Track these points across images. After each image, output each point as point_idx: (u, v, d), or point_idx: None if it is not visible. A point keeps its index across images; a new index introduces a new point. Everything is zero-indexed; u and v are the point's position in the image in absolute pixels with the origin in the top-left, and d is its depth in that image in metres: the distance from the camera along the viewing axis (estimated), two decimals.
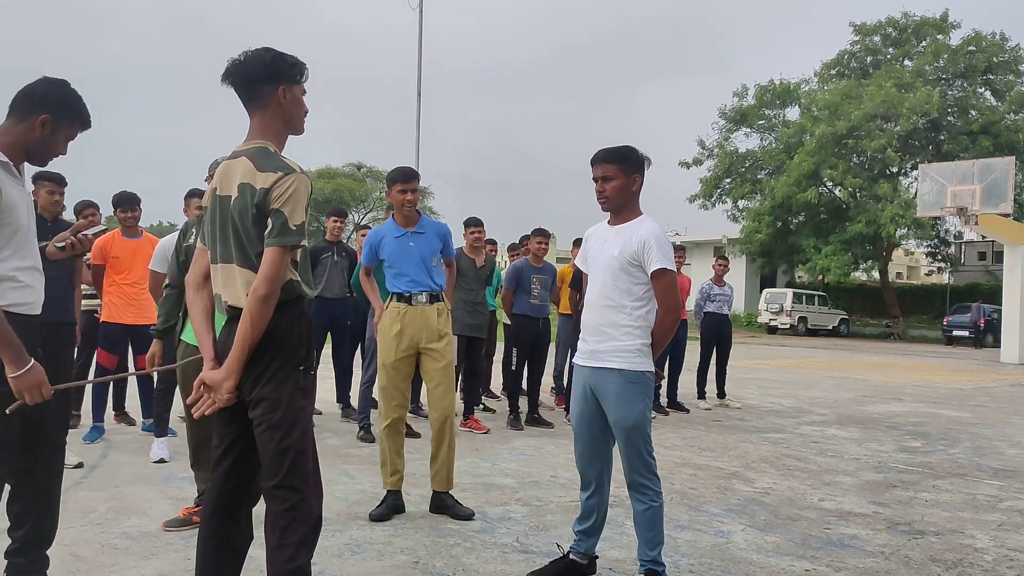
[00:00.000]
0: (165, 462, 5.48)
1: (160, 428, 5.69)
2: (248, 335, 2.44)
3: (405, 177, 4.62)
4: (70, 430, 5.68)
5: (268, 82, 2.56)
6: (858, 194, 31.47)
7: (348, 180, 48.85)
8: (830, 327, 32.95)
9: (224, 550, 2.66)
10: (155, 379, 6.00)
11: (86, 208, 6.37)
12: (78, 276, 5.64)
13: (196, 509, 4.01)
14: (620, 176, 3.44)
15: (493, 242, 9.14)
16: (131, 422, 6.93)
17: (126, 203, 6.37)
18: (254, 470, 2.62)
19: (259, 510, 2.67)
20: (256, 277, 2.45)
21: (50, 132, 2.77)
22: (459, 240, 7.66)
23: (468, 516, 4.41)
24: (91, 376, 6.55)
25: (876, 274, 36.60)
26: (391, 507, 4.47)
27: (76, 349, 5.71)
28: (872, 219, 29.13)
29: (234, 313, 2.55)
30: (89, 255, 6.37)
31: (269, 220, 2.46)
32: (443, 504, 4.51)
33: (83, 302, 6.46)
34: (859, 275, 38.30)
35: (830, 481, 5.77)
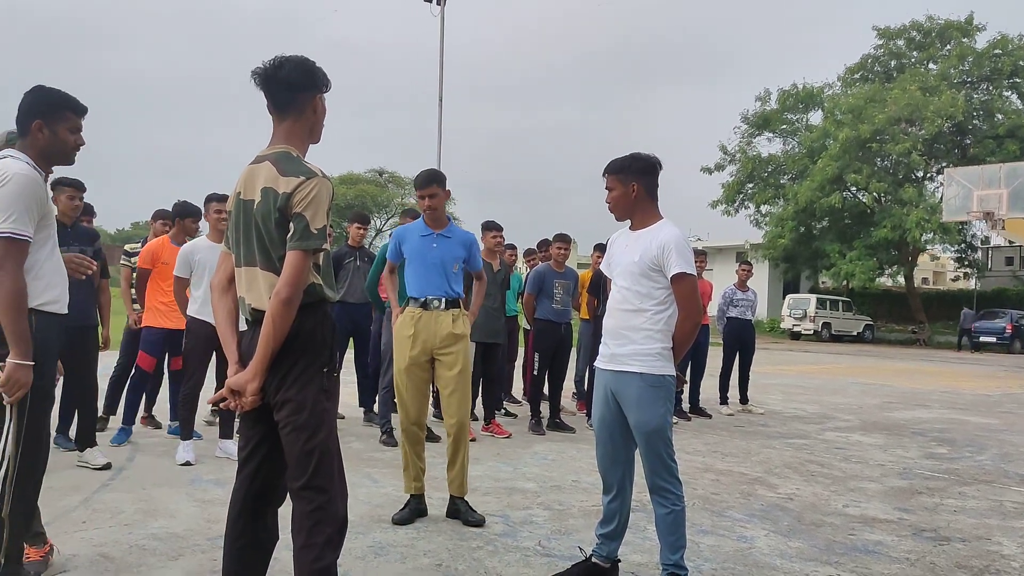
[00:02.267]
0: (191, 465, 5.54)
1: (186, 431, 5.75)
2: (271, 337, 2.48)
3: (421, 183, 4.66)
4: (98, 433, 5.81)
5: (307, 89, 2.63)
6: (883, 199, 31.22)
7: (370, 186, 49.09)
8: (854, 333, 32.67)
9: (250, 550, 2.69)
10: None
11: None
12: (99, 280, 5.75)
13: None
14: (618, 186, 3.51)
15: (512, 247, 9.15)
16: (157, 425, 7.01)
17: (197, 213, 6.48)
18: (279, 471, 2.66)
19: (285, 511, 2.71)
20: (279, 280, 2.49)
21: (50, 132, 3.00)
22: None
23: (479, 523, 4.41)
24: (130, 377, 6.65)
25: (901, 279, 36.27)
26: (413, 511, 4.50)
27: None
28: (897, 224, 28.91)
29: (257, 316, 2.59)
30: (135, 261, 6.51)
31: (291, 224, 2.50)
32: (456, 509, 4.52)
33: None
34: (884, 281, 37.97)
35: (854, 487, 5.73)
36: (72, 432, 5.85)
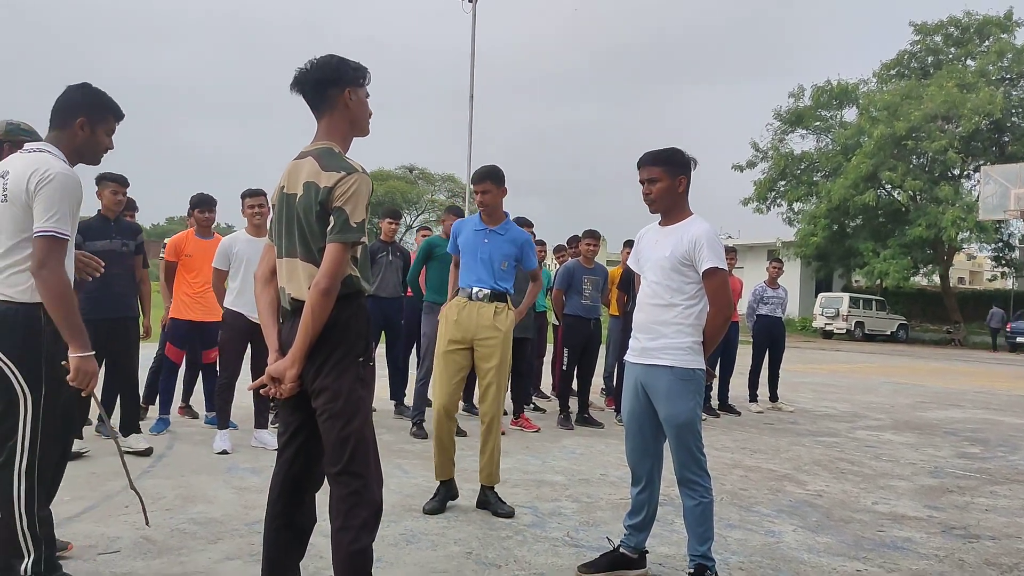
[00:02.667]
0: (227, 453, 5.67)
1: (222, 421, 5.88)
2: (310, 327, 2.57)
3: (476, 178, 4.77)
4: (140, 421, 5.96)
5: (334, 85, 2.70)
6: (918, 197, 30.83)
7: (400, 182, 49.42)
8: (888, 332, 32.31)
9: (289, 532, 2.79)
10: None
11: None
12: (139, 273, 5.89)
13: None
14: (665, 178, 3.49)
15: (542, 243, 9.20)
16: (195, 415, 7.17)
17: (204, 204, 6.61)
18: (317, 456, 2.75)
19: (322, 499, 2.79)
20: (318, 272, 2.58)
21: (90, 131, 3.05)
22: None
23: (508, 514, 4.47)
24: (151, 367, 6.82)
25: (936, 279, 35.77)
26: (443, 499, 4.58)
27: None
28: (932, 222, 28.52)
29: (297, 306, 2.67)
30: (163, 253, 6.65)
31: (331, 217, 2.58)
32: (486, 500, 4.59)
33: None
34: (919, 280, 37.49)
35: (884, 485, 5.72)
36: (114, 421, 6.01)
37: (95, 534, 3.82)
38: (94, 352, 2.90)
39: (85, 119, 3.03)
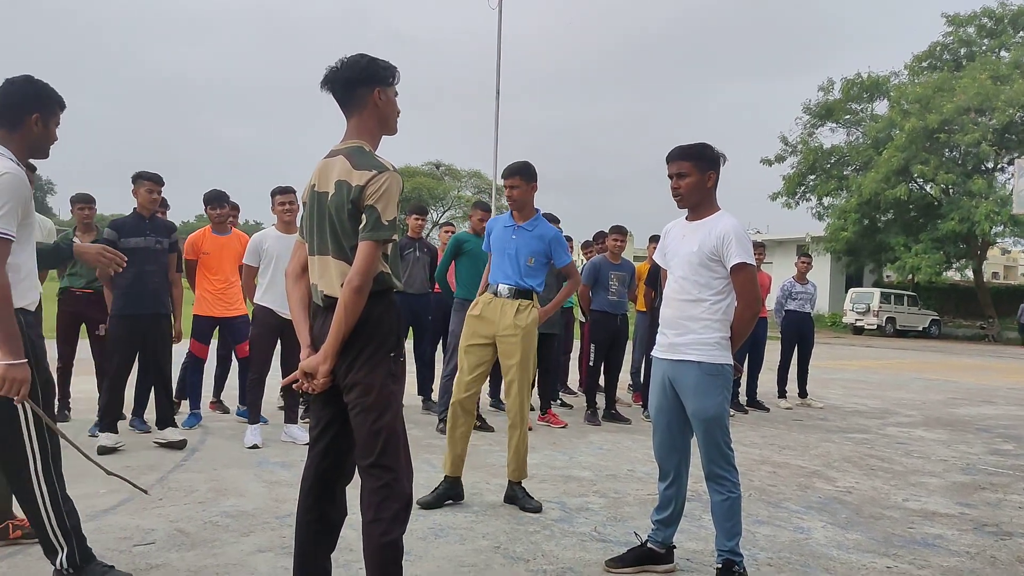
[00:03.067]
0: (258, 448, 5.74)
1: (253, 416, 5.96)
2: (343, 323, 2.60)
3: (506, 173, 4.81)
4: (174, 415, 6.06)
5: (364, 84, 2.73)
6: (950, 190, 30.34)
7: (427, 179, 49.56)
8: (920, 328, 31.89)
9: (320, 525, 2.83)
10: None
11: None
12: (173, 271, 5.96)
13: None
14: (695, 173, 3.48)
15: (568, 239, 9.17)
16: (226, 410, 7.27)
17: (215, 201, 6.67)
18: (348, 450, 2.79)
19: (352, 493, 2.83)
20: (351, 269, 2.61)
21: (43, 126, 3.02)
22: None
23: (536, 509, 4.47)
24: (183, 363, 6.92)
25: (970, 273, 35.21)
26: (441, 496, 4.53)
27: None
28: (965, 216, 28.05)
29: (329, 302, 2.71)
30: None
31: (363, 215, 2.62)
32: (513, 495, 4.61)
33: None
34: (951, 275, 36.93)
35: (915, 482, 5.67)
36: (147, 415, 6.11)
37: (130, 526, 3.90)
38: (26, 360, 2.78)
39: (39, 115, 2.98)
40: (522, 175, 4.73)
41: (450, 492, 4.60)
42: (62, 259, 2.75)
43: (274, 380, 5.69)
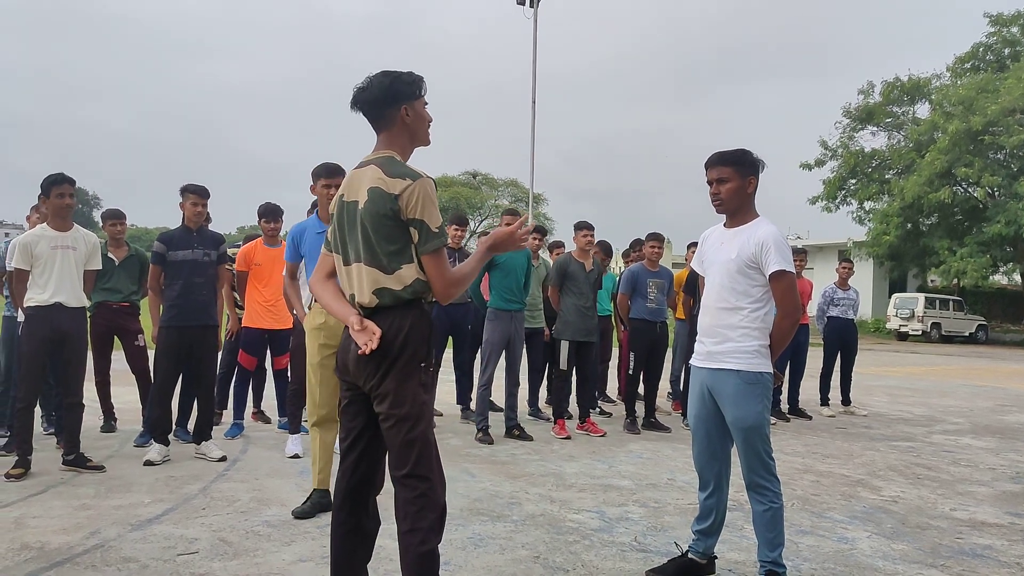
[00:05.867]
0: (299, 457, 5.79)
1: (294, 426, 6.01)
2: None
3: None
4: (214, 427, 6.15)
5: (390, 105, 2.75)
6: (996, 193, 29.71)
7: (464, 188, 49.73)
8: (966, 334, 31.21)
9: (356, 536, 2.84)
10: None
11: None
12: (221, 283, 6.05)
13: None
14: (735, 178, 3.45)
15: (610, 246, 9.12)
16: (267, 420, 7.35)
17: (269, 214, 6.76)
18: (378, 460, 2.82)
19: (384, 501, 2.84)
20: (434, 286, 2.68)
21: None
22: (570, 244, 7.82)
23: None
24: (233, 375, 7.02)
25: (1017, 277, 34.41)
26: (316, 504, 4.41)
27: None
28: (1012, 219, 27.43)
29: (364, 313, 2.72)
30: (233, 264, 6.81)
31: (412, 231, 2.64)
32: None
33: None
34: (998, 279, 36.13)
35: (963, 491, 5.54)
36: (190, 426, 6.21)
37: (174, 535, 3.96)
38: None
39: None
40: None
41: (323, 501, 4.42)
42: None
43: None
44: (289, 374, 6.44)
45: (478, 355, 7.81)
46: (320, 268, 2.94)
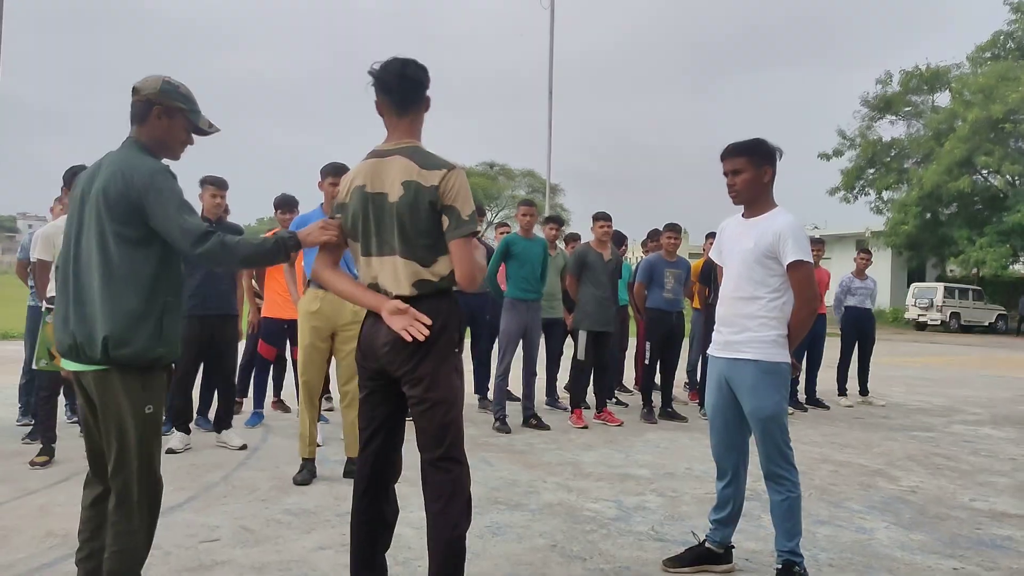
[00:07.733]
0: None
1: None
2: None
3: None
4: (234, 415, 6.21)
5: (425, 88, 2.79)
6: (1017, 181, 29.42)
7: (481, 179, 49.75)
8: (986, 323, 30.96)
9: (376, 524, 2.87)
10: None
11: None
12: (240, 273, 6.10)
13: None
14: (750, 168, 3.44)
15: (624, 237, 9.10)
16: (287, 409, 7.41)
17: (285, 205, 6.79)
18: (396, 448, 2.86)
19: (400, 490, 2.87)
20: (457, 272, 2.67)
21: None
22: (587, 234, 7.80)
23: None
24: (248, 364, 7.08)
25: None
26: (311, 472, 5.00)
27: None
28: None
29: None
30: None
31: (445, 217, 2.65)
32: (352, 470, 4.55)
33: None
34: (1019, 268, 35.78)
35: (983, 481, 5.52)
36: (210, 415, 6.27)
37: (196, 523, 4.01)
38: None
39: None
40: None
41: (314, 468, 5.04)
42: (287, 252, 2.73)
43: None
44: None
45: (495, 345, 7.84)
46: (324, 258, 2.91)
